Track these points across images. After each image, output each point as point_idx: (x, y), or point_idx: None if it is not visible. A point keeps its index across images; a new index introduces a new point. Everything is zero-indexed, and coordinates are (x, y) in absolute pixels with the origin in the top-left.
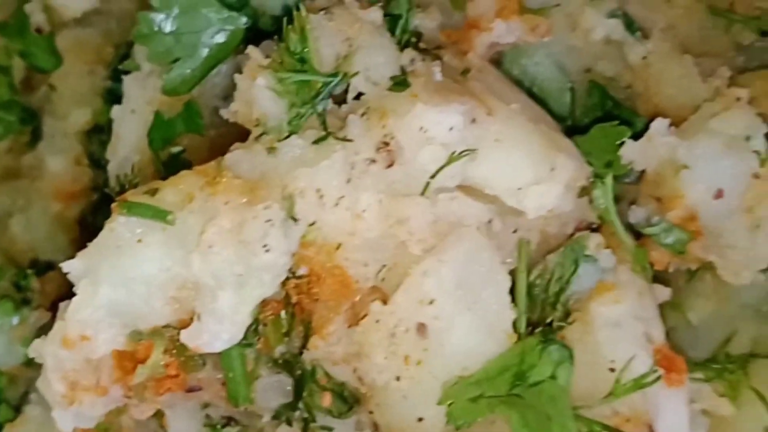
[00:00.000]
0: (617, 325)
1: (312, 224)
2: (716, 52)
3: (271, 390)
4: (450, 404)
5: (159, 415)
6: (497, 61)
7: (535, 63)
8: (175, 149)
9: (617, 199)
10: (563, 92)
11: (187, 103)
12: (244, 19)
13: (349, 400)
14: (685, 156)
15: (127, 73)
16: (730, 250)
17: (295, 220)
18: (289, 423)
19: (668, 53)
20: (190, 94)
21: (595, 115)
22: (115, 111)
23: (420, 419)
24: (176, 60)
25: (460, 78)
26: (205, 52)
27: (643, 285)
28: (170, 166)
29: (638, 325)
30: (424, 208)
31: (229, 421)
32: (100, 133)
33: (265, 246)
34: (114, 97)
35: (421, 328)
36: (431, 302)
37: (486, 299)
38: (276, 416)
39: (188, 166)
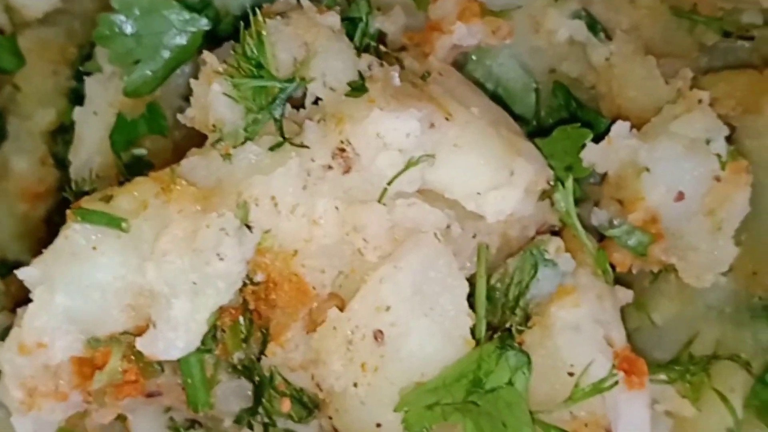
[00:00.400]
0: (577, 329)
1: (267, 231)
2: (680, 53)
3: (231, 395)
4: (406, 411)
5: (123, 417)
6: (461, 62)
7: (499, 64)
8: (138, 151)
9: (581, 200)
10: (528, 93)
11: (150, 105)
12: (204, 21)
13: (308, 405)
14: (646, 158)
15: (89, 74)
16: (691, 252)
17: (249, 227)
18: (251, 427)
19: (631, 54)
20: (153, 95)
21: (560, 116)
22: (77, 113)
23: (378, 425)
24: (137, 62)
25: (419, 82)
26: (166, 53)
27: (604, 288)
28: (133, 168)
29: (598, 328)
30: (380, 214)
31: (192, 424)
32: (65, 133)
33: (218, 254)
34: (79, 97)
35: (378, 334)
36: (388, 309)
37: (443, 305)
38: (237, 420)
39: (151, 168)
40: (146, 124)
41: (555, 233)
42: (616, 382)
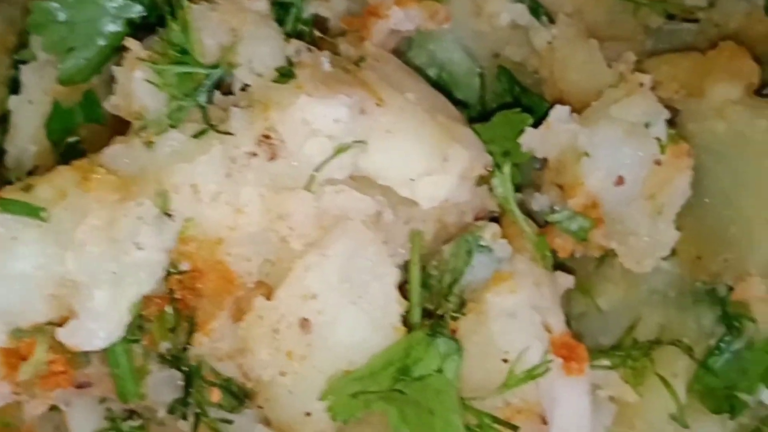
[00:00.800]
0: (512, 316)
1: (189, 220)
2: (624, 36)
3: (162, 385)
4: (331, 399)
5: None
6: (404, 47)
7: (442, 48)
8: (74, 139)
9: (524, 186)
10: (472, 78)
11: (86, 93)
12: (139, 8)
13: (238, 395)
14: (586, 143)
15: (24, 62)
16: (632, 237)
17: (169, 216)
18: (184, 417)
19: (573, 38)
20: (89, 83)
21: (504, 100)
22: (13, 101)
23: (308, 414)
24: (71, 49)
25: (353, 68)
26: (101, 41)
27: (542, 274)
28: (69, 157)
29: (535, 315)
30: (305, 202)
31: (130, 414)
32: (4, 122)
33: (137, 243)
34: (18, 86)
35: (305, 323)
36: (314, 297)
37: (372, 293)
38: (170, 411)
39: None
40: (82, 112)
41: (495, 219)
42: (548, 369)
